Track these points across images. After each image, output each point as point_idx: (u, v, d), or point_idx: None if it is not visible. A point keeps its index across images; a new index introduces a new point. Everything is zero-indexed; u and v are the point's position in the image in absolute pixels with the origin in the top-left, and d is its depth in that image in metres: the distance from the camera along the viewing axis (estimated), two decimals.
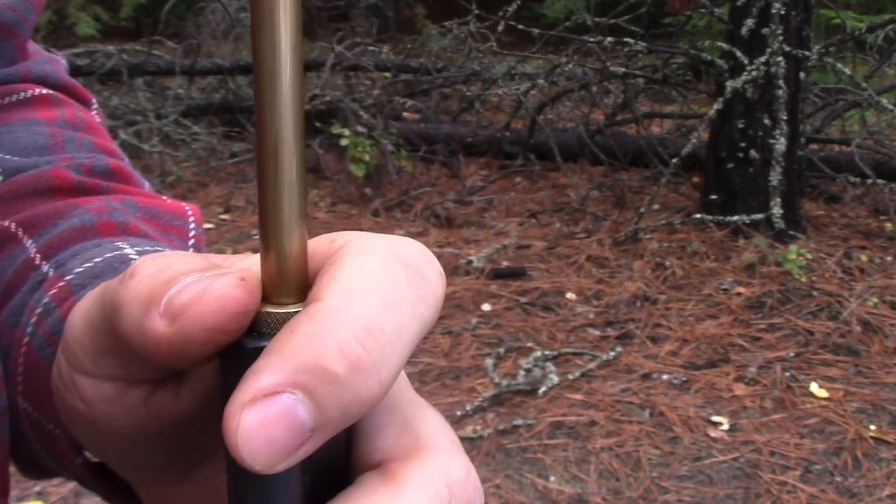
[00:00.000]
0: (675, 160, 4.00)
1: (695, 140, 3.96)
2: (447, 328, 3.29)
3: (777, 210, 3.60)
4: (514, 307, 3.49)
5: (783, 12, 3.85)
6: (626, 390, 2.87)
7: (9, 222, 0.47)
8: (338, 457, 0.26)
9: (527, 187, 5.08)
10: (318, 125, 5.26)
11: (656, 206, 4.42)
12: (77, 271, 0.41)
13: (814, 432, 2.65)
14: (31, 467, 0.44)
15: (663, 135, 5.38)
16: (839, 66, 4.46)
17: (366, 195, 4.76)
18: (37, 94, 0.56)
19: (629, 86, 5.09)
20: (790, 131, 3.85)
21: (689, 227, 4.11)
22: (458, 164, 5.26)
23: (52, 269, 0.43)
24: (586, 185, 4.86)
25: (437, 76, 6.32)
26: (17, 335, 0.41)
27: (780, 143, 3.70)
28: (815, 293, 3.47)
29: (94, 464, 0.37)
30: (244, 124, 5.73)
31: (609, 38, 4.64)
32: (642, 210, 4.05)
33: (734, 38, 4.09)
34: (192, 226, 0.49)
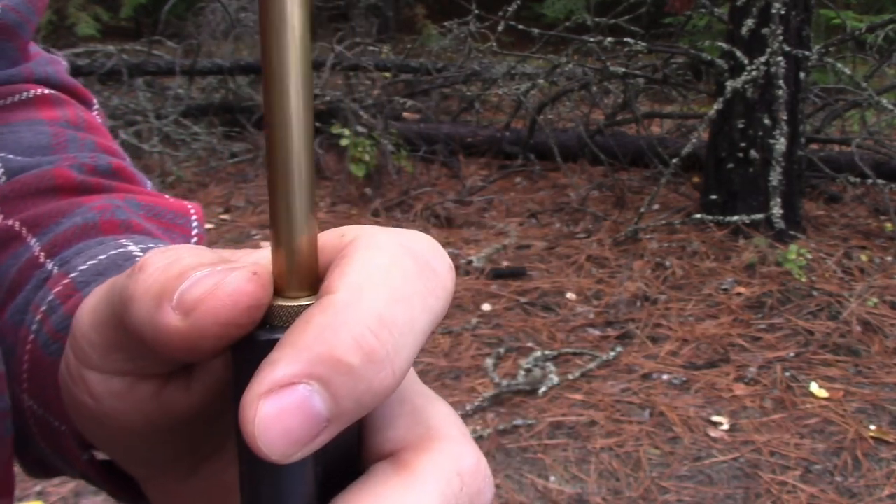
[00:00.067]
0: (675, 160, 4.01)
1: (695, 140, 3.96)
2: (447, 328, 3.29)
3: (777, 210, 3.60)
4: (514, 307, 3.50)
5: (783, 12, 3.85)
6: (626, 390, 2.87)
7: (13, 221, 0.47)
8: (350, 447, 0.26)
9: (527, 187, 5.08)
10: (318, 125, 5.26)
11: (656, 206, 4.42)
12: (81, 268, 0.41)
13: (814, 432, 2.65)
14: (36, 466, 0.44)
15: (663, 135, 5.38)
16: (839, 66, 4.46)
17: (366, 195, 4.76)
18: (39, 95, 0.56)
19: (629, 86, 5.09)
20: (790, 131, 3.85)
21: (689, 227, 4.11)
22: (458, 164, 5.26)
23: (56, 267, 0.43)
24: (586, 185, 4.86)
25: (437, 76, 6.32)
26: (21, 333, 0.41)
27: (780, 143, 3.70)
28: (815, 293, 3.47)
29: (101, 461, 0.37)
30: (244, 124, 5.73)
31: (609, 38, 4.64)
32: (642, 210, 4.06)
33: (734, 38, 4.09)
34: (195, 224, 0.49)
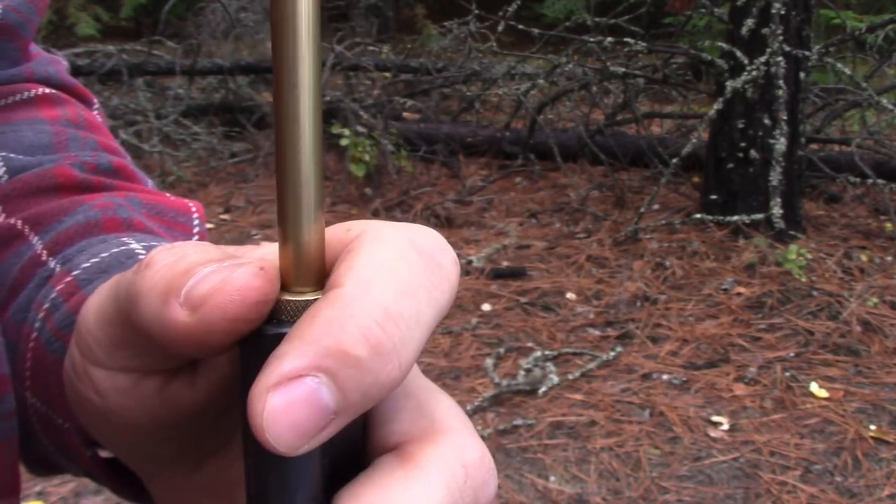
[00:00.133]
0: (675, 160, 4.01)
1: (695, 140, 3.96)
2: (447, 328, 3.29)
3: (777, 210, 3.60)
4: (514, 307, 3.50)
5: (783, 12, 3.85)
6: (626, 390, 2.87)
7: (15, 220, 0.47)
8: (355, 440, 0.26)
9: (527, 187, 5.08)
10: None
11: (656, 206, 4.42)
12: (84, 266, 0.41)
13: (814, 432, 2.65)
14: (39, 464, 0.45)
15: (663, 135, 5.38)
16: (839, 66, 4.46)
17: (366, 195, 4.76)
18: (40, 94, 0.56)
19: (629, 86, 5.09)
20: (790, 131, 3.85)
21: (689, 227, 4.11)
22: (458, 164, 5.26)
23: (58, 265, 0.43)
24: (586, 185, 4.86)
25: (437, 76, 6.32)
26: (24, 331, 0.41)
27: (780, 143, 3.71)
28: (815, 293, 3.47)
29: (105, 458, 0.37)
30: (244, 124, 5.73)
31: (609, 38, 4.64)
32: (642, 210, 4.06)
33: (734, 38, 4.09)
34: (196, 222, 0.49)
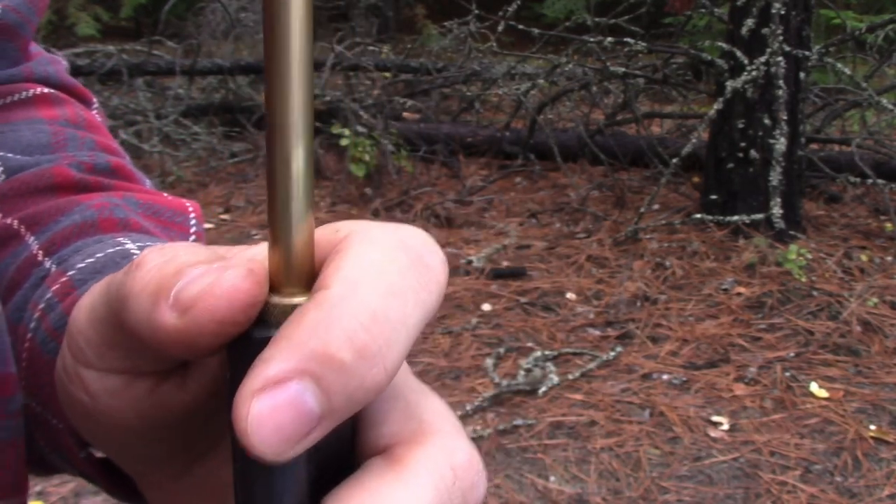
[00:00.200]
0: (675, 160, 4.01)
1: (695, 140, 3.96)
2: (447, 328, 3.29)
3: (777, 210, 3.60)
4: (514, 307, 3.50)
5: (783, 12, 3.85)
6: (626, 390, 2.87)
7: (11, 219, 0.47)
8: (343, 445, 0.26)
9: (527, 187, 5.08)
10: (318, 125, 5.26)
11: (656, 206, 4.42)
12: (79, 266, 0.41)
13: (814, 432, 2.65)
14: (36, 464, 0.44)
15: (663, 135, 5.38)
16: (839, 66, 4.46)
17: (366, 195, 4.76)
18: (38, 94, 0.56)
19: (629, 86, 5.09)
20: (790, 131, 3.85)
21: (689, 227, 4.11)
22: (458, 164, 5.26)
23: (54, 265, 0.43)
24: (586, 185, 4.86)
25: (437, 76, 6.32)
26: (20, 331, 0.41)
27: (780, 143, 3.70)
28: (815, 293, 3.47)
29: (99, 459, 0.37)
30: (244, 124, 5.73)
31: (609, 38, 4.64)
32: (642, 210, 4.05)
33: (734, 38, 4.09)
34: (193, 222, 0.49)
